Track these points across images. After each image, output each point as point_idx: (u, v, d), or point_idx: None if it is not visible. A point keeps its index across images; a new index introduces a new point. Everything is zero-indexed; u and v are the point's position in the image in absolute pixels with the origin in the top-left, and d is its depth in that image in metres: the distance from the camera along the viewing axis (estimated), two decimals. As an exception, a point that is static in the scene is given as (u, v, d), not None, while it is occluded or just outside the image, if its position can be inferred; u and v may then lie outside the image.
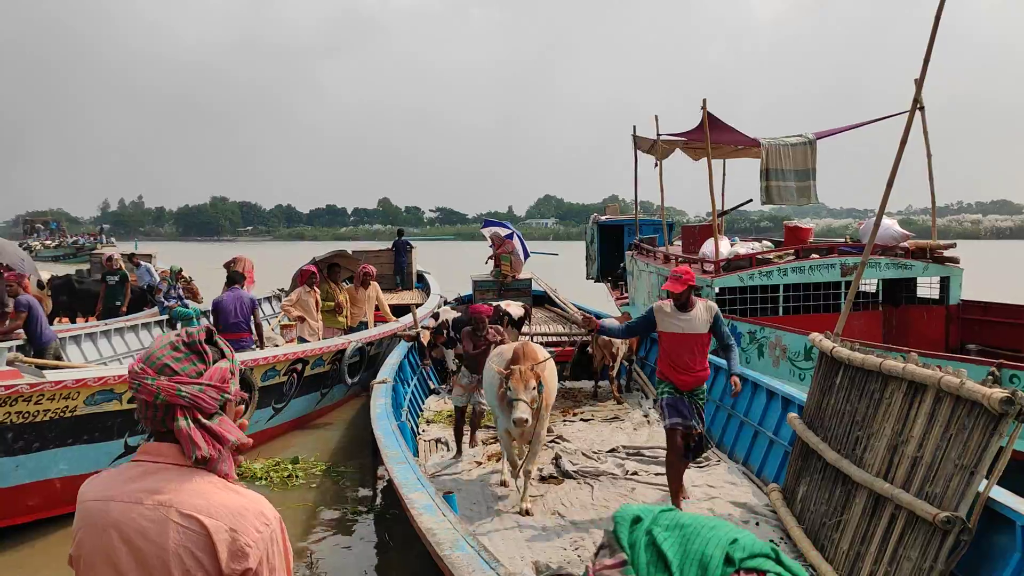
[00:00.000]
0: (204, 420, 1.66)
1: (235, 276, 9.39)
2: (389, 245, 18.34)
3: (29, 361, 6.96)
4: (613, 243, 19.91)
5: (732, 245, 12.39)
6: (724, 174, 15.91)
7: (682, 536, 0.68)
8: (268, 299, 16.44)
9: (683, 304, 5.74)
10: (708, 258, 11.26)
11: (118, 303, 13.10)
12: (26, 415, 6.00)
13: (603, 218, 21.01)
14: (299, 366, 9.19)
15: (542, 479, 6.54)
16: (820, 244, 11.97)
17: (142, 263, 15.31)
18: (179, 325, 12.49)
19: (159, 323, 12.67)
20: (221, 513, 1.59)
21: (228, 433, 1.67)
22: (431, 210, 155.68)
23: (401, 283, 17.63)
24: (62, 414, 6.24)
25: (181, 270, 13.11)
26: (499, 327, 7.85)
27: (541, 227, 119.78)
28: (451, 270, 23.14)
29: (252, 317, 9.12)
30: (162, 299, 12.64)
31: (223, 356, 1.75)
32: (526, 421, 5.41)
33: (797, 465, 5.62)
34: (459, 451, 7.39)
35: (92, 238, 30.54)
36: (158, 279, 13.95)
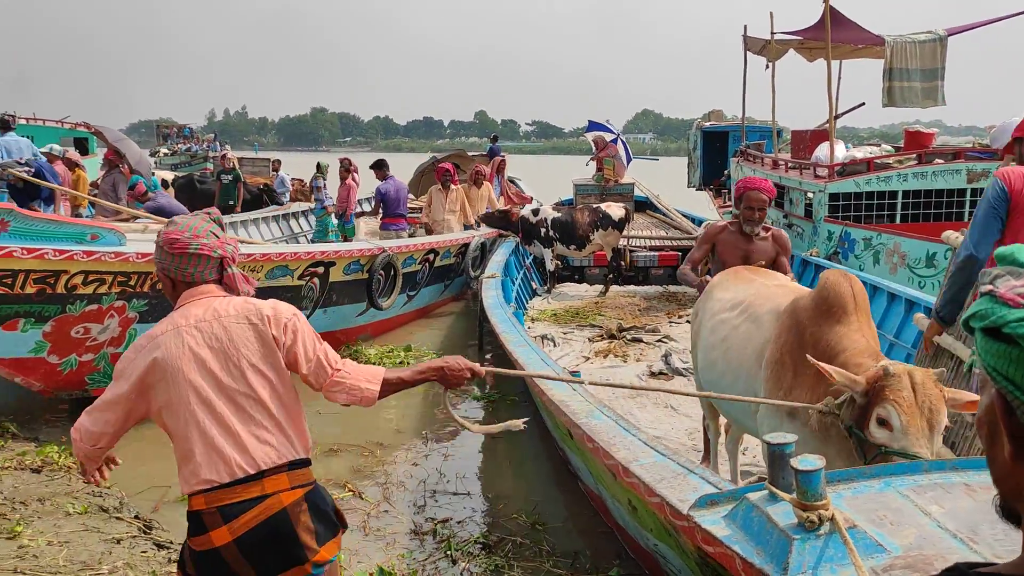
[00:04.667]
0: (237, 269, 2.46)
1: (381, 163, 10.67)
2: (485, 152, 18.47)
3: None
4: (716, 150, 19.33)
5: (848, 150, 11.85)
6: (840, 77, 15.11)
7: None
8: (368, 199, 16.84)
9: None
10: (822, 162, 10.80)
11: (231, 202, 13.67)
12: None
13: (707, 124, 20.37)
14: (431, 256, 9.50)
15: (651, 375, 6.58)
16: (945, 149, 11.30)
17: (280, 173, 16.70)
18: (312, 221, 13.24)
19: (275, 218, 13.22)
20: (264, 305, 2.38)
21: (246, 280, 2.49)
22: (527, 123, 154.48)
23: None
24: None
25: (327, 167, 13.45)
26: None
27: (639, 142, 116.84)
28: (548, 183, 22.94)
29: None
30: (322, 197, 13.07)
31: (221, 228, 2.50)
32: None
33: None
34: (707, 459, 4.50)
35: (206, 144, 31.55)
36: (289, 187, 14.80)
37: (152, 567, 3.78)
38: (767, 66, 14.05)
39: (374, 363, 7.81)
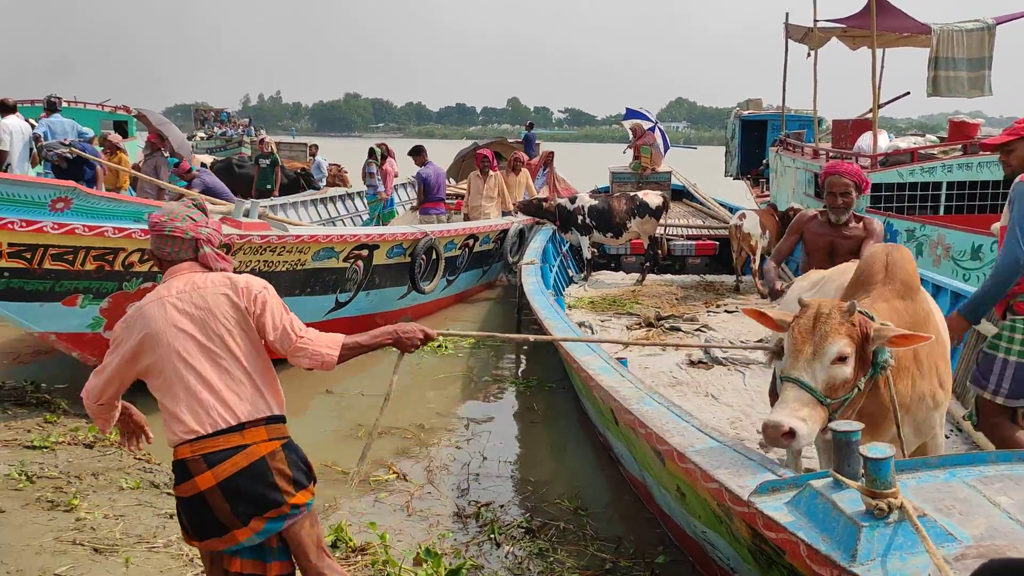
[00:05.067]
0: (211, 249, 2.70)
1: (420, 149, 10.95)
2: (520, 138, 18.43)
3: (273, 218, 7.54)
4: (755, 139, 19.14)
5: (891, 140, 11.66)
6: (883, 66, 14.84)
7: None
8: (404, 186, 16.81)
9: None
10: (864, 152, 10.65)
11: (269, 186, 13.78)
12: (269, 264, 6.55)
13: (746, 113, 20.16)
14: (471, 242, 9.57)
15: (691, 363, 6.56)
16: (991, 140, 11.07)
17: (317, 157, 16.78)
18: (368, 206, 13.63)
19: (313, 202, 13.33)
20: (238, 279, 2.63)
21: (221, 258, 2.72)
22: (560, 111, 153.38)
23: (531, 175, 17.77)
24: (294, 266, 6.77)
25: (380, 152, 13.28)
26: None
27: (672, 131, 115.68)
28: (582, 171, 22.88)
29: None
30: (375, 183, 13.10)
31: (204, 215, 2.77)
32: (788, 434, 2.33)
33: (968, 357, 5.39)
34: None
35: (241, 129, 31.73)
36: (326, 171, 14.94)
37: (205, 542, 3.85)
38: (808, 54, 13.86)
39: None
